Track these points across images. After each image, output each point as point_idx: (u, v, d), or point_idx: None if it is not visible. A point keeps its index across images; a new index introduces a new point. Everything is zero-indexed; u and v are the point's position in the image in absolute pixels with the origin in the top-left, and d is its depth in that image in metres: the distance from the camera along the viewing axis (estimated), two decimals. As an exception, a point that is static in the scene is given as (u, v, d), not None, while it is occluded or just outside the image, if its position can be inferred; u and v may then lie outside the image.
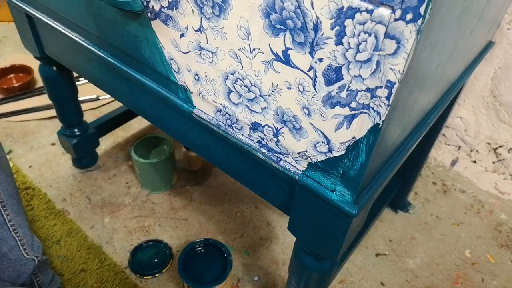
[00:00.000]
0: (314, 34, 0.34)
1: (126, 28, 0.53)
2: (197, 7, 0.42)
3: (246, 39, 0.39)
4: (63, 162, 1.15)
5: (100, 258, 0.91)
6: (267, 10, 0.36)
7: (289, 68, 0.38)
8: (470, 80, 1.06)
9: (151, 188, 1.08)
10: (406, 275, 0.94)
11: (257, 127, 0.46)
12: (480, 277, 0.94)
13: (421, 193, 1.15)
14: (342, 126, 0.38)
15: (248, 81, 0.43)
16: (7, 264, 0.68)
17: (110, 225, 0.99)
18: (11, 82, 1.44)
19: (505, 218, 1.09)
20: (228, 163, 0.56)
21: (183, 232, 0.99)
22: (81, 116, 1.03)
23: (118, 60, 0.60)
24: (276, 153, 0.47)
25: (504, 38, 0.95)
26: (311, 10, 0.33)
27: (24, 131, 1.26)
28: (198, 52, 0.46)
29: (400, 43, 0.30)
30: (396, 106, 0.36)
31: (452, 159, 1.22)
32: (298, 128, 0.42)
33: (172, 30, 0.47)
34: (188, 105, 0.53)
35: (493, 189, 1.16)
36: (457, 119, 1.15)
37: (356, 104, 0.35)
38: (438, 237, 1.03)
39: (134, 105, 0.67)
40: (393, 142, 0.45)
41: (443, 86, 0.58)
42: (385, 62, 0.32)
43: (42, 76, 0.91)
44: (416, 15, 0.28)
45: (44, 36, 0.80)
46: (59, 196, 1.05)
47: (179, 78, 0.51)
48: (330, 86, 0.36)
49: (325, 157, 0.41)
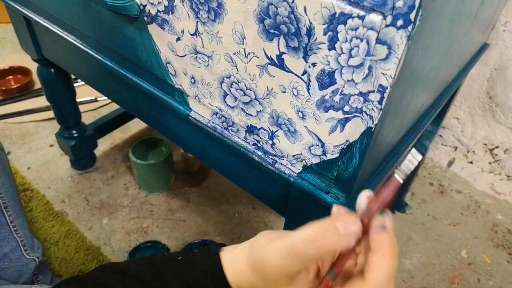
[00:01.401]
0: (307, 39, 0.35)
1: (123, 31, 0.53)
2: (193, 12, 0.42)
3: (241, 44, 0.40)
4: (62, 163, 1.16)
5: (98, 259, 0.92)
6: (261, 15, 0.36)
7: (283, 72, 0.38)
8: (466, 82, 1.07)
9: (149, 189, 1.08)
10: (402, 275, 0.94)
11: (253, 130, 0.46)
12: (476, 277, 0.95)
13: (418, 194, 1.15)
14: (335, 129, 0.38)
15: (244, 84, 0.43)
16: (9, 264, 0.69)
17: (108, 226, 1.00)
18: (10, 83, 1.44)
19: (501, 218, 1.10)
20: (224, 165, 0.57)
21: (181, 233, 0.99)
22: (79, 117, 1.03)
23: (115, 63, 0.61)
24: (271, 155, 0.47)
25: (500, 39, 0.96)
26: (304, 16, 0.34)
27: (23, 133, 1.26)
28: (194, 55, 0.46)
29: (391, 49, 0.31)
30: (389, 109, 0.36)
31: (448, 159, 1.23)
32: (293, 131, 0.42)
33: (168, 34, 0.47)
34: (184, 108, 0.54)
35: (489, 189, 1.17)
36: (454, 120, 1.16)
37: (349, 108, 0.36)
38: (435, 238, 1.03)
39: (131, 107, 0.68)
40: (386, 145, 0.45)
41: (438, 88, 0.59)
42: (377, 67, 0.32)
43: (40, 78, 0.91)
44: (406, 21, 0.29)
45: (42, 38, 0.80)
46: (57, 198, 1.06)
47: (175, 81, 0.51)
48: (323, 90, 0.37)
49: (320, 159, 0.42)
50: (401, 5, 0.28)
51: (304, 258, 0.27)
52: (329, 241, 0.26)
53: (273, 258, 0.28)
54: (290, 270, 0.28)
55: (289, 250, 0.28)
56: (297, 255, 0.27)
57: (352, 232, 0.26)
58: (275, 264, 0.28)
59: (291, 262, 0.28)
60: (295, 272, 0.28)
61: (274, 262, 0.28)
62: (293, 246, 0.28)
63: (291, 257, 0.28)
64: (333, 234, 0.26)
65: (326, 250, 0.26)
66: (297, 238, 0.28)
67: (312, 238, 0.27)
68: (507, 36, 0.95)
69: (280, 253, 0.28)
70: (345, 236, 0.26)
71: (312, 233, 0.27)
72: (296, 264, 0.28)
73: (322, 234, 0.27)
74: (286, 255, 0.28)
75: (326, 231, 0.27)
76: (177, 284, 0.36)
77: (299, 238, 0.28)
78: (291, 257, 0.28)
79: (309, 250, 0.27)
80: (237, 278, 0.34)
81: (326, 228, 0.27)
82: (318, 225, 0.27)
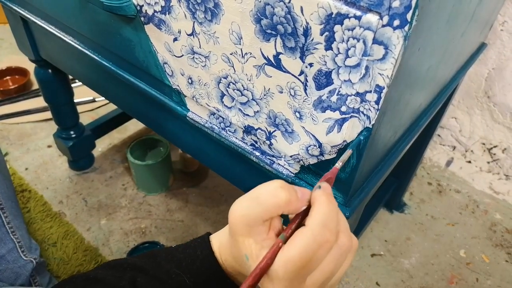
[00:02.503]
0: (304, 39, 0.34)
1: (120, 32, 0.53)
2: (190, 12, 0.42)
3: (238, 44, 0.40)
4: (60, 164, 1.15)
5: (97, 260, 0.91)
6: (258, 15, 0.36)
7: (280, 72, 0.38)
8: (464, 81, 1.07)
9: (147, 190, 1.08)
10: (401, 275, 0.94)
11: (250, 130, 0.46)
12: (474, 277, 0.95)
13: (417, 194, 1.15)
14: (333, 129, 0.38)
15: (241, 85, 0.43)
16: (6, 266, 0.68)
17: (106, 227, 0.99)
18: (7, 84, 1.44)
19: (499, 218, 1.10)
20: (222, 165, 0.56)
21: (180, 234, 0.99)
22: (77, 118, 1.03)
23: (112, 64, 0.61)
24: (269, 156, 0.47)
25: (498, 39, 0.96)
26: (301, 16, 0.33)
27: (20, 133, 1.26)
28: (191, 56, 0.46)
29: (388, 49, 0.30)
30: (386, 109, 0.36)
31: (447, 159, 1.23)
32: (290, 131, 0.42)
33: (165, 34, 0.47)
34: (182, 108, 0.54)
35: (488, 189, 1.17)
36: (452, 120, 1.16)
37: (346, 108, 0.36)
38: (433, 237, 1.03)
39: (128, 107, 0.68)
40: (384, 145, 0.45)
41: (435, 88, 0.59)
42: (374, 67, 0.32)
43: (38, 79, 0.91)
44: (403, 21, 0.29)
45: (39, 39, 0.80)
46: (55, 198, 1.06)
47: (173, 81, 0.51)
48: (320, 90, 0.36)
49: (317, 160, 0.42)
50: (397, 5, 0.28)
51: (263, 205, 0.31)
52: (288, 198, 0.31)
53: (237, 204, 0.32)
54: (249, 216, 0.31)
55: (251, 197, 0.32)
56: (257, 201, 0.31)
57: (306, 199, 0.32)
58: (237, 209, 0.32)
59: (251, 206, 0.31)
60: (253, 219, 0.31)
61: (236, 207, 0.32)
62: (257, 194, 0.31)
63: (252, 202, 0.31)
64: (294, 195, 0.31)
65: (283, 204, 0.31)
66: (262, 188, 0.32)
67: (275, 192, 0.31)
68: (505, 35, 0.95)
69: (243, 200, 0.32)
70: (301, 199, 0.31)
71: (277, 187, 0.31)
72: (256, 210, 0.31)
73: (285, 190, 0.31)
74: (248, 201, 0.32)
75: (289, 189, 0.31)
76: (168, 263, 0.40)
77: (264, 188, 0.32)
78: (252, 202, 0.31)
79: (270, 199, 0.31)
80: (219, 248, 0.39)
81: (289, 188, 0.31)
82: (284, 184, 0.32)
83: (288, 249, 0.29)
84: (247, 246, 0.32)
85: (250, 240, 0.32)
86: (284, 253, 0.29)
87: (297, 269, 0.29)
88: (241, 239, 0.32)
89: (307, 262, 0.29)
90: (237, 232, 0.32)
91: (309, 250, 0.28)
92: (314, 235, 0.29)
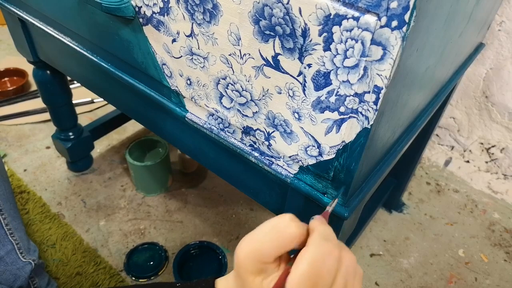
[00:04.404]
0: (302, 40, 0.35)
1: (118, 33, 0.53)
2: (188, 13, 0.42)
3: (237, 45, 0.40)
4: (58, 165, 1.15)
5: (96, 261, 0.91)
6: (256, 16, 0.36)
7: (279, 73, 0.38)
8: (463, 81, 1.07)
9: (146, 190, 1.08)
10: (400, 275, 0.94)
11: (249, 131, 0.46)
12: (473, 276, 0.95)
13: (415, 193, 1.16)
14: (331, 130, 0.38)
15: (239, 86, 0.43)
16: (4, 267, 0.68)
17: (105, 228, 0.99)
18: (5, 85, 1.44)
19: (498, 217, 1.10)
20: (221, 166, 0.56)
21: (178, 235, 0.99)
22: (76, 119, 1.03)
23: (111, 65, 0.61)
24: (268, 156, 0.47)
25: (496, 39, 0.96)
26: (299, 17, 0.33)
27: (19, 135, 1.25)
28: (190, 57, 0.46)
29: (386, 50, 0.31)
30: (385, 110, 0.36)
31: (445, 159, 1.23)
32: (289, 132, 0.42)
33: (164, 36, 0.47)
34: (181, 109, 0.54)
35: (486, 188, 1.17)
36: (450, 120, 1.16)
37: (345, 108, 0.36)
38: (432, 237, 1.03)
39: (127, 109, 0.68)
40: (383, 145, 0.45)
41: (434, 88, 0.59)
42: (372, 68, 0.32)
43: (36, 80, 0.91)
44: (401, 22, 0.29)
45: (38, 40, 0.80)
46: (54, 200, 1.05)
47: (171, 82, 0.51)
48: (319, 91, 0.37)
49: (316, 160, 0.42)
50: (395, 6, 0.29)
51: (277, 240, 0.30)
52: (300, 231, 0.31)
53: (245, 240, 0.32)
54: (261, 250, 0.30)
55: (262, 231, 0.31)
56: (270, 236, 0.31)
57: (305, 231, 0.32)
58: (246, 245, 0.31)
59: (263, 241, 0.31)
60: (267, 254, 0.30)
61: (245, 244, 0.31)
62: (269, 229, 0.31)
63: (265, 237, 0.31)
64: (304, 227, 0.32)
65: (298, 237, 0.31)
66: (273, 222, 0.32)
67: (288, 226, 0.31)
68: (503, 35, 0.95)
69: (252, 235, 0.32)
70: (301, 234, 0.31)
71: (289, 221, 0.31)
72: (268, 245, 0.30)
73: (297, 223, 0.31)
74: (259, 235, 0.31)
75: (299, 222, 0.32)
76: None
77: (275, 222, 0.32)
78: (265, 237, 0.31)
79: (283, 233, 0.31)
80: None
81: (298, 221, 0.32)
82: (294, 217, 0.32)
83: (297, 265, 0.29)
84: (257, 285, 0.31)
85: (260, 278, 0.31)
86: (294, 271, 0.29)
87: (311, 283, 0.28)
88: (250, 278, 0.31)
89: (318, 273, 0.28)
90: (247, 270, 0.31)
91: (317, 260, 0.29)
92: (318, 247, 0.29)
